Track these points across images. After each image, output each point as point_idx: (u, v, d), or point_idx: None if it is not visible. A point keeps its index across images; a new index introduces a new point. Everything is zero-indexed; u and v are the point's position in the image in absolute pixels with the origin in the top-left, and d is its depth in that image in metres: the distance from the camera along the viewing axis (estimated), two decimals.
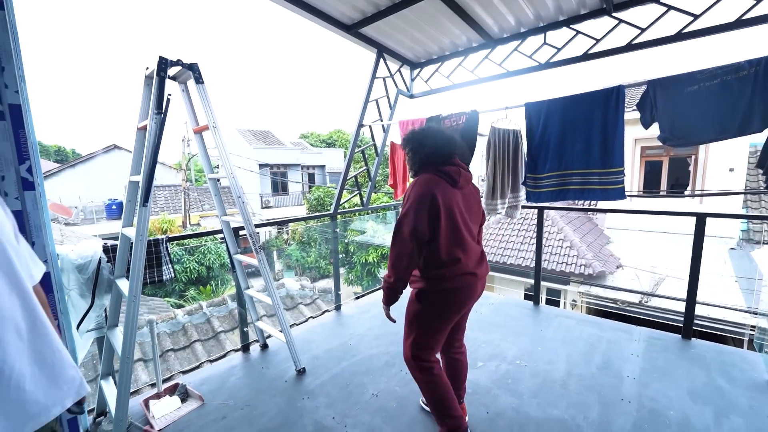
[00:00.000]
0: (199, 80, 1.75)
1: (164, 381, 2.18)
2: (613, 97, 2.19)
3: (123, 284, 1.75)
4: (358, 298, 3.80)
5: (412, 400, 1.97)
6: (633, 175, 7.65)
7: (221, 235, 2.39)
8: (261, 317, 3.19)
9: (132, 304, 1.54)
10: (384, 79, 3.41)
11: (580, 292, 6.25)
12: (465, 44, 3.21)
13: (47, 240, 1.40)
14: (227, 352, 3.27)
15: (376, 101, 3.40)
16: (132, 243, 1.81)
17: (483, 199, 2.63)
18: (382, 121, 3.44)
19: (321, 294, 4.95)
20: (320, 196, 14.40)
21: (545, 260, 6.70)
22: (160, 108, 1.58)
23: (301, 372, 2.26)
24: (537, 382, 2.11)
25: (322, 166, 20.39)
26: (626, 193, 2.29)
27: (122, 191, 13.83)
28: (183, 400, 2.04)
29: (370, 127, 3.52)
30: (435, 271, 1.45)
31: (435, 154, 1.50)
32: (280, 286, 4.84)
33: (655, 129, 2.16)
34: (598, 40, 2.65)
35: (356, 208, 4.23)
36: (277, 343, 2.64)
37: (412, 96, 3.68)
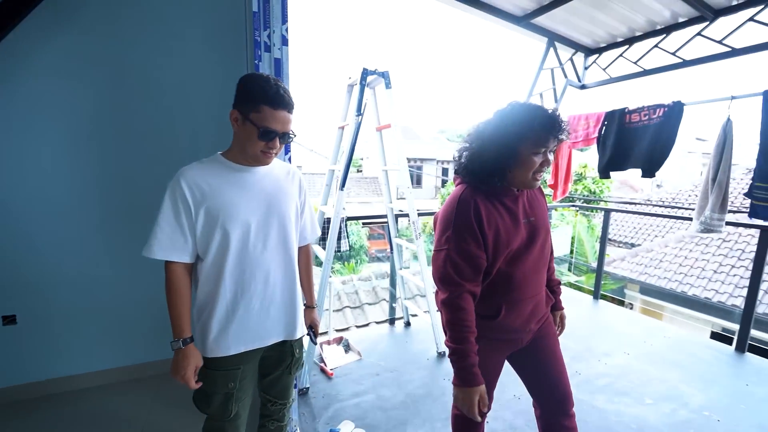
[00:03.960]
0: (388, 86, 2.04)
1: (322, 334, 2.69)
2: None
3: (317, 249, 2.24)
4: None
5: None
6: None
7: (365, 220, 2.76)
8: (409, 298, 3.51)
9: (326, 266, 1.96)
10: (552, 70, 3.17)
11: None
12: (667, 20, 2.66)
13: None
14: (370, 322, 3.72)
15: (540, 95, 3.19)
16: (326, 218, 2.29)
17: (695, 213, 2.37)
18: None
19: None
20: None
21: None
22: (360, 110, 1.92)
23: (441, 354, 2.41)
24: None
25: None
26: None
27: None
28: (345, 351, 2.48)
29: None
30: None
31: None
32: (417, 273, 5.16)
33: None
34: None
35: None
36: (418, 324, 2.87)
37: (583, 87, 3.29)
